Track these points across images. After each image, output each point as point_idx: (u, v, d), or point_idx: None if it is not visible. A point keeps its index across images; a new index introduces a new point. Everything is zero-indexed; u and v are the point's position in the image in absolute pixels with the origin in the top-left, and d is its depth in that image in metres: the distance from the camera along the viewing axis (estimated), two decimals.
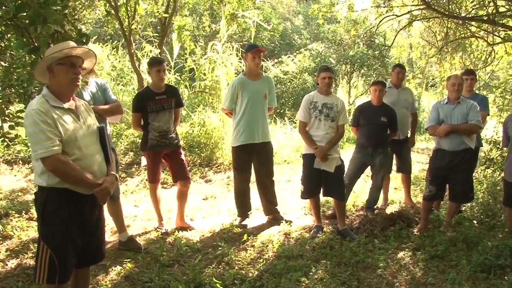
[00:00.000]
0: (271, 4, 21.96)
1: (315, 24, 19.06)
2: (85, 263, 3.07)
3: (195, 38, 14.55)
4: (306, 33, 20.38)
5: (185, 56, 11.08)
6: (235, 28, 12.14)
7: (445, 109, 4.98)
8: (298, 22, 22.08)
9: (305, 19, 21.27)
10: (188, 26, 10.35)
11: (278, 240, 4.90)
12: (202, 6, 15.95)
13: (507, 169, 4.87)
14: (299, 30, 20.83)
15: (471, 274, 4.08)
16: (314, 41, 18.17)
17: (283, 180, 7.68)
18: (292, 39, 19.86)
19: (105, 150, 2.99)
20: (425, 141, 12.69)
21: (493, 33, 7.79)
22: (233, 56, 10.25)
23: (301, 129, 5.11)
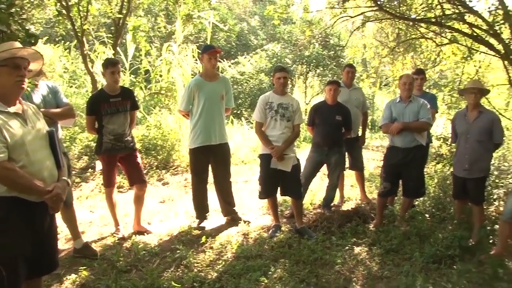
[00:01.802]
0: (227, 4, 21.96)
1: (271, 25, 19.18)
2: (37, 274, 2.93)
3: (150, 39, 14.35)
4: (262, 34, 20.49)
5: (140, 57, 10.91)
6: (191, 29, 12.06)
7: (398, 107, 5.14)
8: (254, 23, 22.16)
9: (261, 20, 21.38)
10: (143, 27, 10.18)
11: (237, 241, 4.91)
12: (157, 6, 15.74)
13: (456, 164, 5.06)
14: (256, 31, 20.92)
15: (423, 265, 4.25)
16: (270, 41, 18.29)
17: (241, 181, 7.69)
18: (249, 40, 19.93)
19: (56, 155, 2.87)
20: (379, 139, 12.98)
21: (440, 35, 8.06)
22: (189, 57, 10.18)
23: (257, 130, 5.14)
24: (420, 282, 3.76)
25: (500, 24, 6.32)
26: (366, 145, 10.04)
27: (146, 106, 10.44)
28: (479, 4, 22.49)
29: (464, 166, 4.83)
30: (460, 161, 4.93)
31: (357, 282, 4.06)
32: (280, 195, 5.30)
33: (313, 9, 10.71)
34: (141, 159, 5.49)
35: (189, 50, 10.28)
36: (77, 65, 12.67)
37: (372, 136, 13.68)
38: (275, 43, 16.71)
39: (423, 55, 9.86)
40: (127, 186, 6.76)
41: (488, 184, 5.73)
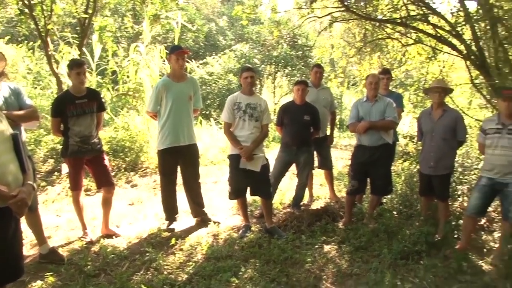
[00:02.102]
0: (195, 5, 21.82)
1: (239, 25, 19.17)
2: (2, 281, 2.82)
3: (117, 39, 14.12)
4: (230, 34, 20.45)
5: (107, 58, 10.73)
6: (158, 29, 11.94)
7: (364, 107, 5.21)
8: (222, 23, 22.09)
9: (229, 20, 21.33)
10: (110, 27, 10.03)
11: (207, 242, 4.89)
12: (124, 6, 15.50)
13: (422, 161, 5.16)
14: (224, 31, 20.87)
15: (392, 261, 4.32)
16: (238, 42, 18.29)
17: (210, 182, 7.67)
18: (217, 40, 19.86)
19: (20, 158, 2.76)
20: (348, 138, 13.13)
21: (406, 35, 8.21)
22: (157, 58, 10.08)
23: (226, 130, 5.13)
24: (388, 278, 3.82)
25: (461, 25, 6.49)
26: (335, 144, 10.17)
27: (114, 107, 10.27)
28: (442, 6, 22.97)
29: (430, 164, 4.94)
30: (425, 159, 5.03)
31: (327, 280, 4.10)
32: (249, 195, 5.30)
33: (281, 10, 10.72)
34: (109, 161, 5.40)
35: (156, 50, 10.18)
36: (41, 66, 12.37)
37: (341, 135, 13.84)
38: (243, 44, 16.72)
39: (389, 55, 10.01)
40: (94, 189, 6.65)
41: (453, 181, 5.87)
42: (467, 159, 6.92)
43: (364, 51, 9.78)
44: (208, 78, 14.23)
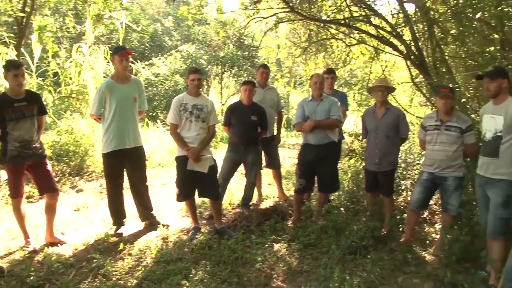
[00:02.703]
0: (139, 5, 21.43)
1: (185, 26, 18.98)
2: None
3: (58, 39, 13.66)
4: (176, 35, 20.21)
5: (48, 59, 10.35)
6: (102, 29, 11.63)
7: (310, 106, 5.29)
8: (168, 24, 21.79)
9: (175, 21, 21.07)
10: (50, 27, 9.67)
11: (156, 245, 4.80)
12: (65, 5, 15.02)
13: (367, 158, 5.30)
14: (170, 32, 20.60)
15: (340, 257, 4.43)
16: (184, 42, 18.11)
17: (158, 184, 7.57)
18: (163, 41, 19.59)
19: None
20: (295, 137, 13.30)
21: (349, 36, 8.40)
22: (101, 59, 9.82)
23: (172, 131, 5.07)
24: (337, 274, 3.87)
25: (401, 26, 6.71)
26: (282, 143, 10.27)
27: (56, 110, 9.94)
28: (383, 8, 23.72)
29: (375, 160, 5.07)
30: (370, 156, 5.17)
31: (277, 278, 4.13)
32: (198, 196, 5.26)
33: (227, 10, 10.74)
34: (52, 166, 5.21)
35: (100, 51, 9.92)
36: None
37: (288, 134, 14.01)
38: (189, 44, 16.59)
39: (334, 55, 10.21)
40: (37, 196, 6.38)
41: (397, 176, 6.08)
42: (410, 155, 7.18)
43: (310, 51, 9.94)
44: (154, 79, 14.03)
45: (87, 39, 10.20)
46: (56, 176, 7.05)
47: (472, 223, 4.52)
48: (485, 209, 3.96)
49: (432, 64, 6.24)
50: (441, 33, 6.60)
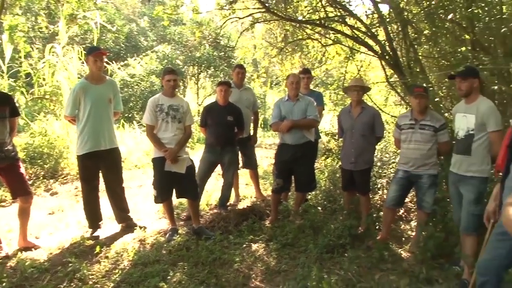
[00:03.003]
0: (114, 5, 21.20)
1: (161, 26, 18.85)
2: None
3: (30, 39, 13.39)
4: (152, 35, 20.05)
5: (20, 59, 10.15)
6: (76, 29, 11.46)
7: (286, 106, 5.31)
8: (143, 24, 21.59)
9: (150, 21, 20.88)
10: (22, 27, 9.49)
11: (133, 248, 4.76)
12: (37, 5, 14.73)
13: (343, 157, 5.34)
14: (145, 32, 20.42)
15: (318, 256, 4.46)
16: (160, 43, 18.00)
17: (135, 186, 7.50)
18: (138, 41, 19.40)
19: None
20: (272, 137, 13.33)
21: (325, 36, 8.47)
22: (75, 59, 9.68)
23: (148, 133, 5.03)
24: (315, 272, 3.90)
25: (376, 27, 6.79)
26: (259, 143, 10.28)
27: (29, 112, 9.75)
28: (358, 8, 24.00)
29: (351, 159, 5.12)
30: (346, 155, 5.21)
31: (256, 278, 4.13)
32: (176, 197, 5.23)
33: (202, 10, 10.70)
34: (25, 169, 5.11)
35: (74, 52, 9.77)
36: None
37: (265, 134, 14.03)
38: (165, 45, 16.49)
39: (310, 55, 10.27)
40: (10, 199, 6.26)
41: (373, 175, 6.15)
42: (385, 154, 7.27)
43: (286, 51, 9.98)
44: (129, 80, 13.89)
45: (60, 39, 10.04)
46: (30, 179, 6.91)
47: (446, 220, 4.62)
48: (458, 206, 4.04)
49: (406, 64, 6.33)
50: (415, 34, 6.71)
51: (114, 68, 13.54)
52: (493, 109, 3.76)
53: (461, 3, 5.53)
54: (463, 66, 4.04)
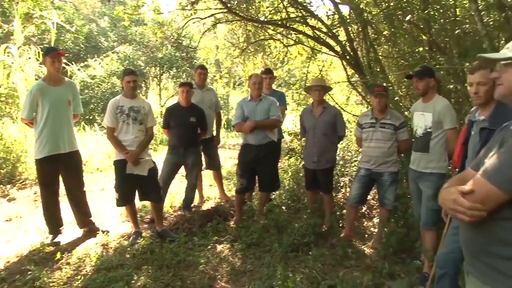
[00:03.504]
0: (73, 4, 20.71)
1: (121, 26, 18.57)
2: None
3: None
4: (113, 35, 19.72)
5: None
6: (32, 29, 11.15)
7: (249, 106, 5.31)
8: (104, 24, 21.21)
9: (111, 21, 20.54)
10: None
11: (96, 253, 4.65)
12: None
13: (306, 157, 5.39)
14: (106, 32, 20.06)
15: (283, 255, 4.48)
16: (121, 43, 17.74)
17: (97, 189, 7.35)
18: (99, 42, 19.05)
19: None
20: (235, 137, 13.33)
21: (287, 36, 8.54)
22: (32, 60, 9.40)
23: (109, 135, 4.93)
24: (280, 271, 3.93)
25: (337, 27, 6.90)
26: (223, 144, 10.27)
27: None
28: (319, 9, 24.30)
29: (313, 159, 5.17)
30: (309, 154, 5.26)
31: (221, 279, 4.12)
32: (139, 200, 5.16)
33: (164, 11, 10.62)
34: None
35: (31, 52, 9.49)
36: None
37: (228, 135, 14.03)
38: (126, 45, 16.27)
39: (272, 55, 10.34)
40: None
41: (335, 173, 6.23)
42: (348, 152, 7.38)
43: (248, 51, 10.02)
44: (90, 81, 13.63)
45: (16, 39, 9.74)
46: None
47: (407, 216, 4.75)
48: (418, 202, 4.14)
49: (367, 63, 6.45)
50: (375, 34, 6.85)
51: (74, 69, 13.23)
52: (449, 108, 3.88)
53: (418, 5, 5.68)
54: (419, 66, 4.15)
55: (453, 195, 1.64)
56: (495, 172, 1.55)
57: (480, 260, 1.68)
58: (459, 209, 1.60)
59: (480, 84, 2.90)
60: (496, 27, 4.68)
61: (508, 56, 1.67)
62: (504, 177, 1.52)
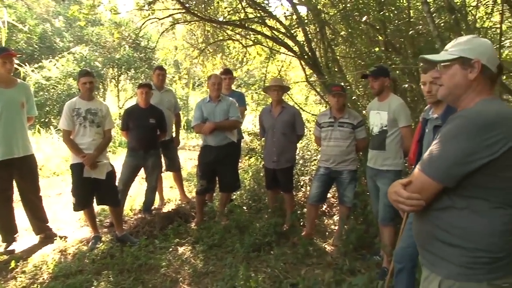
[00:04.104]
0: (25, 3, 20.05)
1: (77, 26, 18.11)
2: None
3: None
4: (68, 36, 19.18)
5: None
6: None
7: (208, 107, 5.30)
8: (59, 24, 20.62)
9: (66, 21, 19.98)
10: None
11: (53, 260, 4.52)
12: None
13: (266, 156, 5.42)
14: (61, 32, 19.48)
15: (245, 255, 4.50)
16: (77, 44, 17.28)
17: (54, 194, 7.14)
18: (54, 42, 18.49)
19: None
20: (195, 138, 13.25)
21: (246, 37, 8.56)
22: None
23: (65, 138, 4.81)
24: (242, 272, 3.94)
25: (295, 28, 6.96)
26: (183, 145, 10.20)
27: None
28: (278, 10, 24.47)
29: (273, 158, 5.20)
30: (269, 154, 5.29)
31: (183, 281, 4.09)
32: (96, 204, 5.05)
33: (121, 11, 10.44)
34: None
35: None
36: None
37: (189, 136, 13.94)
38: (83, 46, 15.88)
39: (231, 55, 10.34)
40: None
41: (295, 173, 6.29)
42: (307, 151, 7.47)
43: (207, 52, 9.98)
44: (45, 83, 13.23)
45: None
46: None
47: (366, 213, 4.85)
48: (376, 199, 4.23)
49: (325, 63, 6.55)
50: (332, 35, 6.95)
51: (27, 70, 12.83)
52: (403, 106, 3.99)
53: (373, 6, 5.80)
54: (374, 66, 4.24)
55: (395, 187, 1.77)
56: (428, 163, 1.68)
57: (427, 250, 1.80)
58: (399, 200, 1.73)
59: (433, 83, 2.99)
60: (447, 28, 4.85)
61: (446, 58, 1.78)
62: (435, 168, 1.65)
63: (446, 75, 1.79)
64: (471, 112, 1.67)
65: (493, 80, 1.78)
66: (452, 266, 1.69)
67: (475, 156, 1.58)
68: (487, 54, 1.74)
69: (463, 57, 1.74)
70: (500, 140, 1.58)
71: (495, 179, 1.62)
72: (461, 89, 1.76)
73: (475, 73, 1.72)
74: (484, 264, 1.64)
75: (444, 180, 1.64)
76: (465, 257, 1.66)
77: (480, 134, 1.58)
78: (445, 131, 1.69)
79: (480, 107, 1.68)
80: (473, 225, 1.64)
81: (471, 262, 1.65)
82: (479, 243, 1.63)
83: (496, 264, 1.63)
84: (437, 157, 1.65)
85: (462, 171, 1.61)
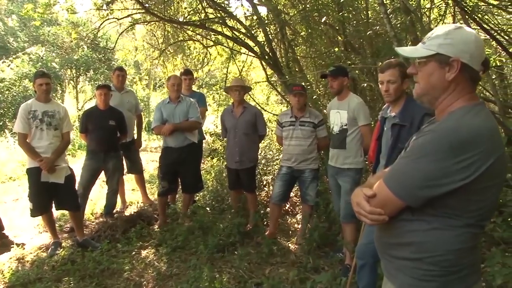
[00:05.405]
0: None
1: (33, 26, 17.60)
2: None
3: None
4: (23, 36, 18.60)
5: None
6: None
7: (168, 108, 5.26)
8: (12, 23, 19.98)
9: (20, 20, 19.37)
10: None
11: (10, 268, 4.39)
12: None
13: (228, 157, 5.42)
14: (15, 32, 18.89)
15: (209, 256, 4.48)
16: (33, 44, 16.78)
17: (10, 200, 6.94)
18: (7, 42, 17.90)
19: None
20: (157, 140, 13.10)
21: (206, 37, 8.53)
22: None
23: (21, 142, 4.65)
24: (207, 273, 3.93)
25: (255, 28, 6.99)
26: (144, 147, 10.08)
27: None
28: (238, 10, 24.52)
29: (236, 159, 5.21)
30: (231, 154, 5.29)
31: (147, 285, 4.06)
32: (55, 209, 4.93)
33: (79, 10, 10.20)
34: None
35: None
36: None
37: (150, 137, 13.75)
38: (39, 46, 15.42)
39: (192, 56, 10.28)
40: None
41: (258, 173, 6.31)
42: (269, 151, 7.51)
43: (167, 53, 9.90)
44: None
45: None
46: None
47: (329, 211, 4.91)
48: (337, 197, 4.30)
49: (285, 63, 6.61)
50: (292, 35, 7.03)
51: None
52: (362, 105, 4.07)
53: (333, 7, 5.90)
54: (333, 66, 4.31)
55: (358, 197, 1.64)
56: (393, 179, 1.55)
57: (385, 258, 1.74)
58: (361, 213, 1.61)
59: (390, 82, 3.07)
60: (403, 29, 4.98)
61: (421, 55, 1.58)
62: (400, 185, 1.52)
63: (422, 72, 1.60)
64: (446, 129, 1.46)
65: (475, 80, 1.58)
66: (406, 277, 1.60)
67: (446, 180, 1.42)
68: (469, 51, 1.51)
69: (441, 54, 1.53)
70: (475, 162, 1.41)
71: (467, 202, 1.47)
72: (437, 91, 1.57)
73: (454, 73, 1.52)
74: (436, 277, 1.54)
75: (408, 199, 1.50)
76: (418, 269, 1.56)
77: (454, 155, 1.40)
78: (415, 145, 1.54)
79: (456, 122, 1.47)
80: (433, 240, 1.53)
81: (423, 275, 1.56)
82: (435, 258, 1.53)
83: (449, 277, 1.54)
84: (403, 174, 1.52)
85: (429, 194, 1.46)
